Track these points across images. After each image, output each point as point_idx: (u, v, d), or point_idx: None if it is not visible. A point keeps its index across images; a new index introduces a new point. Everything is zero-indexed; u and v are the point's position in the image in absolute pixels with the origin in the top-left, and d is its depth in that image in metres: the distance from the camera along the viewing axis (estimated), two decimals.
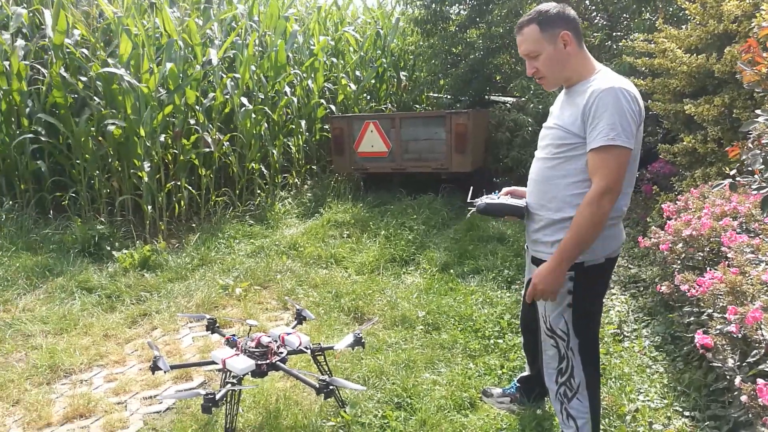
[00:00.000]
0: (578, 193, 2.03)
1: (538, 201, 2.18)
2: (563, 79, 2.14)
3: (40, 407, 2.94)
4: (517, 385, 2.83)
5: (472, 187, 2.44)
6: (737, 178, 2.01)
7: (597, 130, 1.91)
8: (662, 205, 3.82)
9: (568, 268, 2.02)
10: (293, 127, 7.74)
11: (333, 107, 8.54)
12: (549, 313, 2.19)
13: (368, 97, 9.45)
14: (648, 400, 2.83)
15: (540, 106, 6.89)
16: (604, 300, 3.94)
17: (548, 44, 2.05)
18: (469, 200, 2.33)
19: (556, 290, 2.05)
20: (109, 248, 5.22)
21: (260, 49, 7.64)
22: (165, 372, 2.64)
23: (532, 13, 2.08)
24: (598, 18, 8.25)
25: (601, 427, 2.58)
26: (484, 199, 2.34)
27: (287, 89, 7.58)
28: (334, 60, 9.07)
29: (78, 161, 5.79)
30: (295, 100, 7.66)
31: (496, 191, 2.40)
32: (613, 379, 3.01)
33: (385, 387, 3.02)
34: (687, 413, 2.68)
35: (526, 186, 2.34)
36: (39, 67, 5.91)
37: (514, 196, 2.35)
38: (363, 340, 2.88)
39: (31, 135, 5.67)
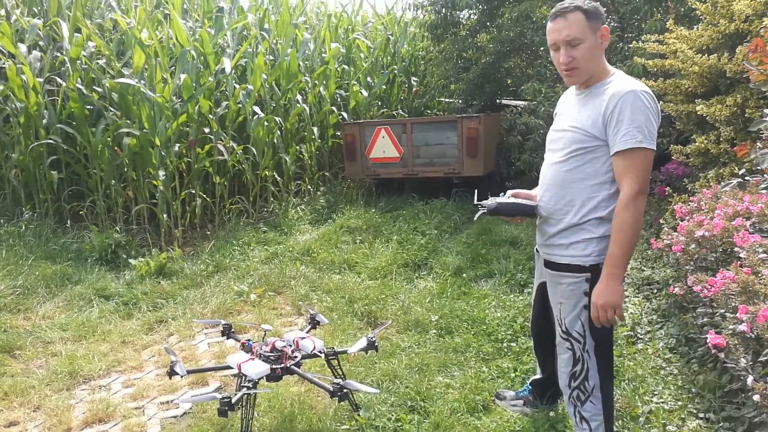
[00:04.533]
0: (599, 195, 2.04)
1: (555, 205, 2.18)
2: (588, 75, 2.12)
3: (60, 412, 3.00)
4: (530, 387, 2.84)
5: (477, 190, 2.45)
6: (746, 178, 2.01)
7: (622, 132, 1.93)
8: (675, 207, 3.80)
9: (622, 279, 2.02)
10: (305, 134, 7.81)
11: (345, 114, 8.59)
12: (565, 315, 2.19)
13: (380, 103, 9.49)
14: (662, 402, 2.82)
15: (551, 109, 6.87)
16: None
17: (591, 35, 2.06)
18: (476, 202, 2.33)
19: (618, 303, 2.01)
20: (125, 256, 5.31)
21: (271, 57, 7.71)
22: (182, 376, 2.69)
23: (574, 2, 2.06)
24: (609, 19, 8.23)
25: (615, 428, 2.58)
26: (495, 200, 2.32)
27: (299, 97, 7.65)
28: (346, 67, 9.13)
29: (95, 171, 5.89)
30: (307, 107, 7.72)
31: (502, 193, 2.39)
32: (627, 381, 3.00)
33: (398, 390, 3.04)
34: (701, 415, 2.67)
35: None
36: (57, 78, 6.02)
37: (519, 198, 2.33)
38: (376, 344, 2.90)
39: (50, 141, 5.77)
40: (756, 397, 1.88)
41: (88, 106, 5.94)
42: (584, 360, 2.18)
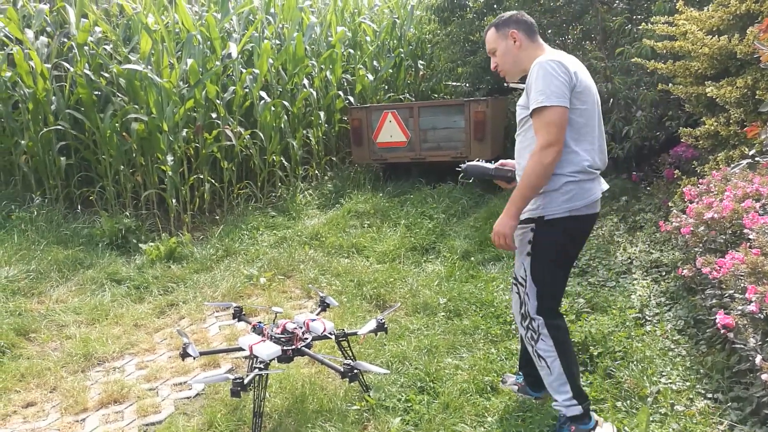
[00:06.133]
0: None
1: (517, 170, 2.51)
2: (520, 70, 2.48)
3: (76, 393, 3.06)
4: (520, 374, 2.85)
5: (480, 159, 2.84)
6: (757, 159, 2.01)
7: (530, 98, 2.24)
8: (684, 189, 3.79)
9: (517, 215, 2.28)
10: (312, 119, 7.80)
11: (351, 98, 8.57)
12: (515, 261, 2.48)
13: (386, 87, 9.46)
14: (670, 383, 2.84)
15: None
16: (580, 258, 4.00)
17: (501, 41, 2.47)
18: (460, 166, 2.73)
19: (508, 234, 2.29)
20: (135, 241, 5.36)
21: (278, 42, 7.69)
22: (194, 358, 2.73)
23: (493, 21, 2.53)
24: (617, 2, 8.13)
25: (623, 408, 2.62)
26: (467, 162, 2.78)
27: (305, 81, 7.64)
28: (352, 51, 9.09)
29: (103, 157, 5.92)
30: (314, 92, 7.71)
31: (493, 161, 2.78)
32: (635, 362, 3.02)
33: (408, 372, 3.07)
34: (710, 395, 2.69)
35: None
36: (65, 64, 6.04)
37: (506, 167, 2.68)
38: (386, 326, 2.93)
39: (59, 127, 5.81)
40: (764, 377, 1.90)
41: (96, 92, 5.96)
42: (525, 302, 2.46)
